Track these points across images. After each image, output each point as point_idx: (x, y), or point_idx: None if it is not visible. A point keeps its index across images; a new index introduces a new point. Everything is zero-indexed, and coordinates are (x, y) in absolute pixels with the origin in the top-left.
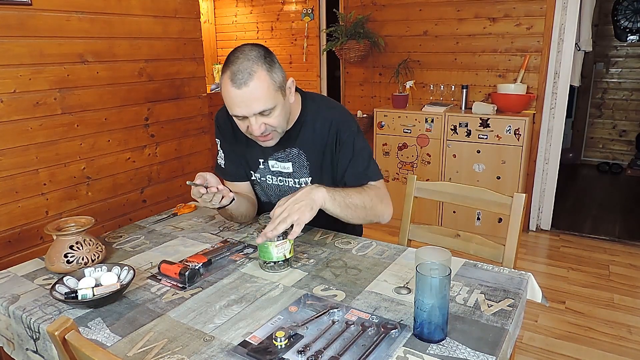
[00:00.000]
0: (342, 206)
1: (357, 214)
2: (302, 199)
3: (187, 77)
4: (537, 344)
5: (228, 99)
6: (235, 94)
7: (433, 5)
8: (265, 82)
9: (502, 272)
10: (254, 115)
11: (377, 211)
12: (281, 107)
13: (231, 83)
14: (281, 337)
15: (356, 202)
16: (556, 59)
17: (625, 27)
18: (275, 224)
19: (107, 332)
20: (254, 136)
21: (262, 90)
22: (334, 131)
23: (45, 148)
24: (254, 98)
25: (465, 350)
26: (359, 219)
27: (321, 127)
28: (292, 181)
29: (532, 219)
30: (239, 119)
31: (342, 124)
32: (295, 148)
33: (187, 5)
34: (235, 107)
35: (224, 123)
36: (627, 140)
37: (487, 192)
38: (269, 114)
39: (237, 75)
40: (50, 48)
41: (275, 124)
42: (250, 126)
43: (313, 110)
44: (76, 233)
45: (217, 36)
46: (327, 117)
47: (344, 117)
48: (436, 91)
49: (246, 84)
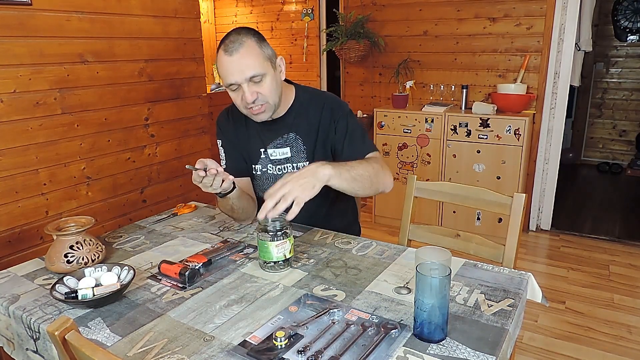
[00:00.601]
0: (349, 180)
1: (363, 184)
2: (305, 176)
3: (187, 77)
4: (537, 344)
5: (222, 69)
6: (228, 60)
7: (433, 5)
8: (255, 50)
9: (502, 272)
10: (246, 82)
11: (380, 178)
12: (271, 77)
13: (224, 52)
14: (281, 337)
15: (361, 172)
16: (556, 59)
17: (625, 27)
18: (274, 199)
19: (107, 332)
20: (248, 109)
21: (252, 57)
22: (327, 114)
23: (45, 148)
24: (245, 64)
25: (465, 350)
26: (366, 189)
27: (314, 111)
28: (291, 166)
29: (532, 219)
30: (233, 91)
31: (334, 106)
32: (292, 133)
33: (187, 5)
34: (229, 75)
35: (225, 122)
36: (627, 140)
37: (487, 192)
38: (260, 81)
39: (229, 45)
40: (50, 48)
41: (266, 93)
42: (243, 94)
43: (306, 97)
44: (76, 233)
45: (217, 36)
46: (319, 101)
47: (335, 100)
48: (436, 91)
49: (237, 50)
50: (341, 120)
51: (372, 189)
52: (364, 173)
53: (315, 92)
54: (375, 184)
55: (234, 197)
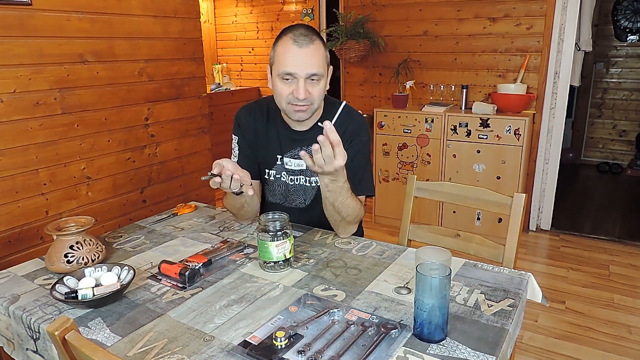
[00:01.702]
0: (339, 200)
1: (341, 214)
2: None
3: (187, 77)
4: (537, 344)
5: (287, 57)
6: (296, 52)
7: (433, 5)
8: (322, 51)
9: (502, 272)
10: (304, 78)
11: (347, 226)
12: (324, 82)
13: (293, 42)
14: (281, 337)
15: (349, 208)
16: (556, 59)
17: (625, 27)
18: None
19: (107, 332)
20: (292, 104)
21: (319, 56)
22: (348, 135)
23: (45, 148)
24: (311, 61)
25: (465, 350)
26: (336, 220)
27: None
28: (304, 179)
29: (532, 219)
30: (286, 82)
31: (355, 133)
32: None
33: (187, 5)
34: (292, 65)
35: (246, 121)
36: (627, 140)
37: (487, 192)
38: (317, 81)
39: (300, 38)
40: (50, 48)
41: (316, 95)
42: (296, 89)
43: (331, 114)
44: (76, 233)
45: (217, 36)
46: (343, 122)
47: (359, 126)
48: (436, 91)
49: (307, 45)
50: (356, 145)
51: (336, 224)
52: (348, 206)
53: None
54: (343, 226)
55: (248, 196)
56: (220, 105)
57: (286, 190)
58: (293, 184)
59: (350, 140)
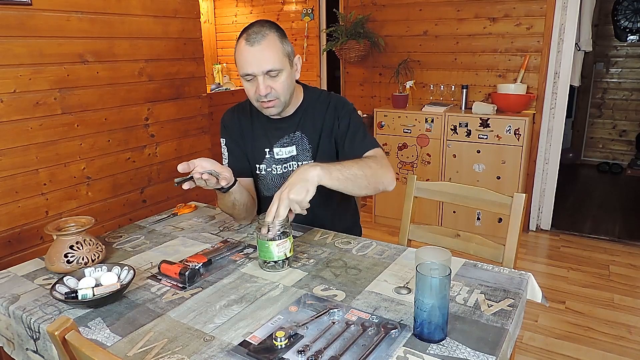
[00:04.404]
0: (341, 179)
1: (358, 183)
2: (295, 184)
3: (187, 77)
4: (537, 344)
5: (241, 58)
6: (248, 50)
7: (433, 5)
8: (276, 45)
9: (502, 272)
10: (262, 75)
11: (378, 177)
12: (287, 74)
13: (245, 42)
14: (281, 337)
15: (355, 172)
16: (556, 59)
17: (625, 27)
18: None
19: (107, 332)
20: (260, 102)
21: (272, 51)
22: (332, 112)
23: (45, 148)
24: (264, 57)
25: (465, 350)
26: (362, 189)
27: (320, 110)
28: (296, 164)
29: (532, 219)
30: (248, 81)
31: (338, 105)
32: (298, 131)
33: (187, 5)
34: (247, 65)
35: (231, 121)
36: (627, 140)
37: (487, 192)
38: (276, 76)
39: (252, 36)
40: (50, 48)
41: (280, 89)
42: (257, 86)
43: (313, 97)
44: (76, 233)
45: (217, 36)
46: (324, 100)
47: (339, 99)
48: (436, 91)
49: (259, 42)
50: (344, 117)
51: (369, 188)
52: (359, 172)
53: (321, 92)
54: (373, 183)
55: (236, 192)
56: (220, 105)
57: (280, 182)
58: (286, 171)
59: (336, 115)
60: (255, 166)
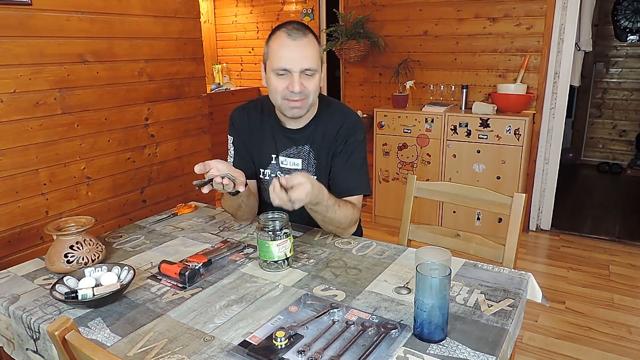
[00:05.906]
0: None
1: (326, 225)
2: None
3: (187, 77)
4: (537, 344)
5: (280, 52)
6: (290, 45)
7: (433, 5)
8: (315, 45)
9: (502, 272)
10: (299, 72)
11: (343, 229)
12: (318, 77)
13: (287, 35)
14: (281, 337)
15: (332, 217)
16: (556, 59)
17: (625, 27)
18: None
19: (107, 332)
20: (287, 99)
21: (313, 50)
22: (342, 137)
23: (45, 148)
24: (306, 54)
25: (465, 350)
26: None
27: (332, 128)
28: None
29: (532, 219)
30: (279, 76)
31: (350, 132)
32: (306, 145)
33: (187, 5)
34: (286, 60)
35: (240, 120)
36: (627, 140)
37: (487, 192)
38: (311, 76)
39: (294, 32)
40: (50, 48)
41: (311, 89)
42: (291, 82)
43: (328, 112)
44: (76, 233)
45: (217, 36)
46: (339, 120)
47: (354, 124)
48: (436, 91)
49: (301, 39)
50: (351, 145)
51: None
52: (335, 219)
53: (337, 108)
54: (335, 230)
55: (244, 195)
56: (220, 105)
57: None
58: None
59: (345, 139)
60: (260, 170)
